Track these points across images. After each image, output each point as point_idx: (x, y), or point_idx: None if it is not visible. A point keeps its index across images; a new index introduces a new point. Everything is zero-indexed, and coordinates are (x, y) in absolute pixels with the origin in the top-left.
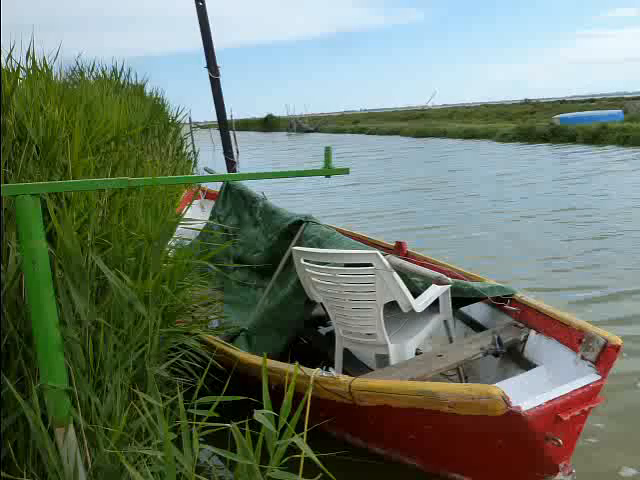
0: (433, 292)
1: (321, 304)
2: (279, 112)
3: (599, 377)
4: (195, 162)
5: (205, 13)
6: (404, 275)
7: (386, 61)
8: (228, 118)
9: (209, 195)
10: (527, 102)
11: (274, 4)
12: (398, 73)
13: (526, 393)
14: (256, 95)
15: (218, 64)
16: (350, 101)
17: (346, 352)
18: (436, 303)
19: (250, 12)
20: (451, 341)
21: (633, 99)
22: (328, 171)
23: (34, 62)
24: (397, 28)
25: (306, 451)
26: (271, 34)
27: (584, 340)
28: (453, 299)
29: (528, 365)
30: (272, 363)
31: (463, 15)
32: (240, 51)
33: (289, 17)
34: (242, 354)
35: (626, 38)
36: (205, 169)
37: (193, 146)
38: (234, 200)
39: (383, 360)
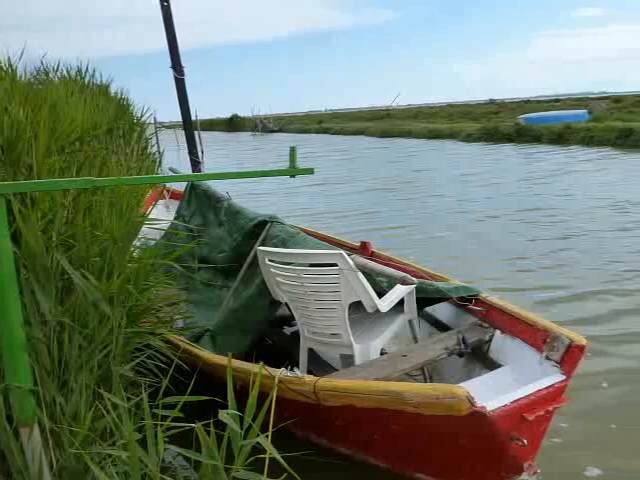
0: (398, 292)
1: (286, 304)
2: (244, 112)
3: (564, 377)
4: (160, 162)
5: (170, 13)
6: (369, 275)
7: (351, 61)
8: (193, 118)
9: (174, 195)
10: (492, 102)
11: (238, 4)
12: (363, 73)
13: (491, 393)
14: (221, 95)
15: (183, 64)
16: (315, 101)
17: (311, 352)
18: (401, 303)
19: (213, 13)
20: (416, 341)
21: (598, 99)
22: (293, 171)
23: None
24: (363, 28)
25: (271, 451)
26: (235, 35)
27: (549, 340)
28: (418, 299)
29: (493, 365)
30: (237, 363)
31: (429, 16)
32: (205, 51)
33: (254, 17)
34: (207, 354)
35: (591, 38)
36: (170, 169)
37: (158, 146)
38: (199, 200)
39: (348, 360)
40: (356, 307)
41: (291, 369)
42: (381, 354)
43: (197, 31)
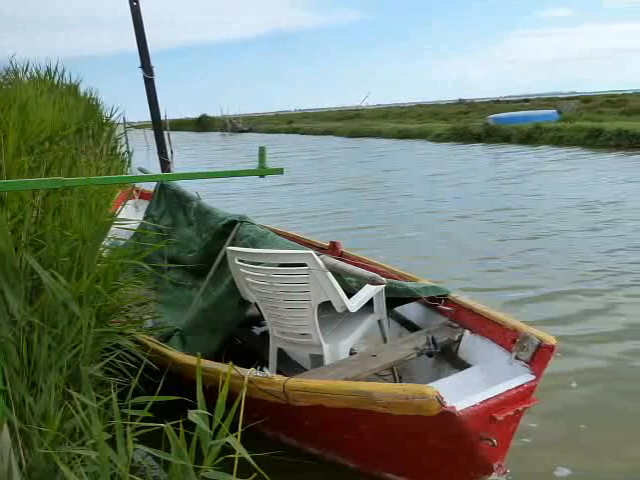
0: (367, 292)
1: (255, 304)
2: (213, 112)
3: (533, 377)
4: (129, 162)
5: (139, 13)
6: (338, 275)
7: (320, 61)
8: (162, 118)
9: (143, 195)
10: (461, 102)
11: (206, 4)
12: (332, 73)
13: (460, 393)
14: (190, 95)
15: (153, 64)
16: (284, 101)
17: (280, 352)
18: (370, 303)
19: (182, 13)
20: (385, 341)
21: (567, 99)
22: (262, 171)
23: None
24: (332, 28)
25: (240, 451)
26: (205, 35)
27: (518, 340)
28: (387, 299)
29: (462, 365)
30: (206, 363)
31: (398, 15)
32: (174, 51)
33: (223, 18)
34: (176, 354)
35: (561, 38)
36: (139, 169)
37: (127, 146)
38: (168, 200)
39: (317, 360)
40: (325, 307)
41: (260, 369)
42: (350, 354)
43: (166, 31)
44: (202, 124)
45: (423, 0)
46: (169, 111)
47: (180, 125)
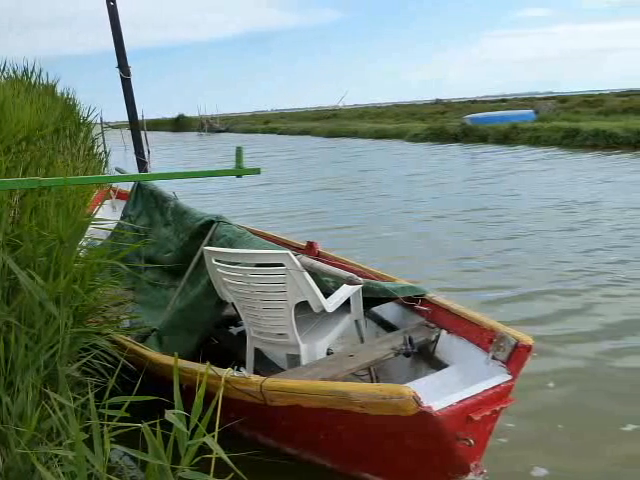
0: (344, 292)
1: (232, 304)
2: (190, 112)
3: (510, 377)
4: (107, 162)
5: (116, 13)
6: (315, 275)
7: (297, 61)
8: (139, 118)
9: (120, 195)
10: (438, 102)
11: (185, 3)
12: (309, 73)
13: (437, 393)
14: (167, 95)
15: (130, 64)
16: (261, 101)
17: (257, 352)
18: (347, 303)
19: (161, 11)
20: (362, 341)
21: (544, 99)
22: (239, 171)
23: None
24: (309, 28)
25: (217, 451)
26: (182, 35)
27: (495, 340)
28: (364, 299)
29: (439, 365)
30: (183, 363)
31: (376, 15)
32: (151, 51)
33: (201, 17)
34: (153, 354)
35: (538, 38)
36: (116, 169)
37: (104, 146)
38: (145, 200)
39: (294, 360)
40: (302, 307)
41: (238, 369)
42: (327, 354)
43: (143, 30)
44: (179, 124)
45: (400, 1)
46: (146, 111)
47: (157, 125)
